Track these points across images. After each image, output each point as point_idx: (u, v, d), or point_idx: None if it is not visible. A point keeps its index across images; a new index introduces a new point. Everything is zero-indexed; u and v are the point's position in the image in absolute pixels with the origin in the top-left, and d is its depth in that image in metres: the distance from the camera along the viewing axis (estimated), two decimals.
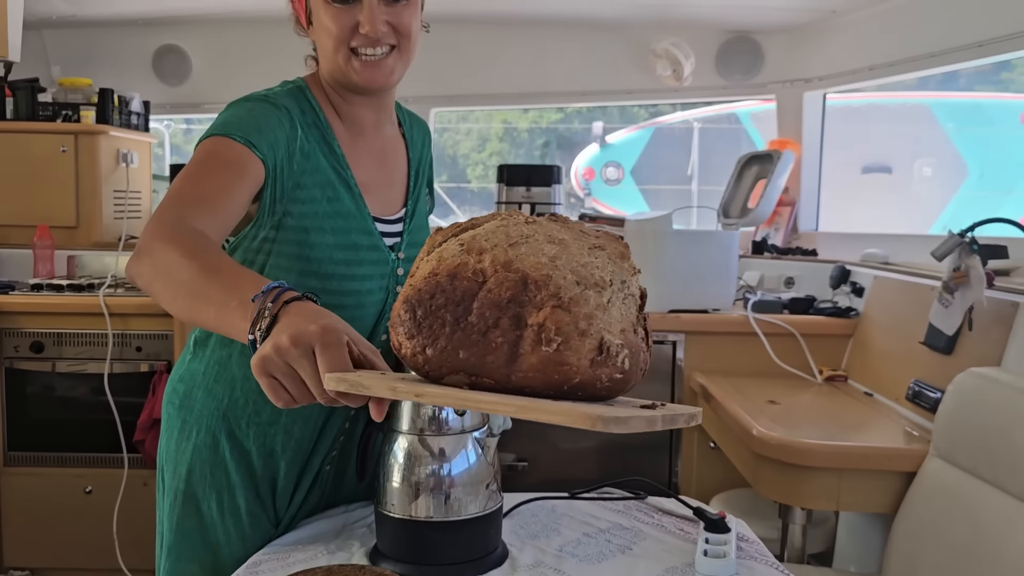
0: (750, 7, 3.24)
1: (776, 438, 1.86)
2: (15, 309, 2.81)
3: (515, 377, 0.72)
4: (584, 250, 0.75)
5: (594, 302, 0.72)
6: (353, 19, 1.16)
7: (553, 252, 0.73)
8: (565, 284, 0.72)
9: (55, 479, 2.83)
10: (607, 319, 0.72)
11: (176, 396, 1.29)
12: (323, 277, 1.20)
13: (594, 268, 0.74)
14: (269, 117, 1.16)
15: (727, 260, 2.62)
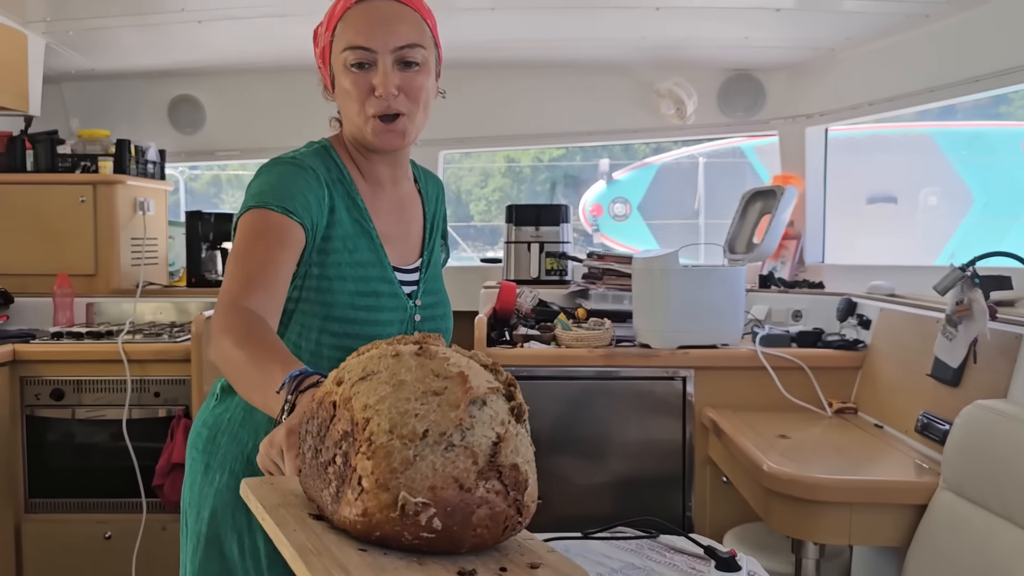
0: (750, 47, 3.31)
1: (787, 473, 1.88)
2: (36, 358, 2.87)
3: (335, 518, 0.70)
4: (416, 395, 0.68)
5: (399, 456, 0.66)
6: (369, 83, 1.24)
7: (383, 393, 0.69)
8: (377, 431, 0.67)
9: (75, 525, 2.86)
10: (410, 475, 0.65)
11: (200, 440, 1.34)
12: (346, 322, 1.27)
13: (411, 417, 0.67)
14: (298, 180, 1.24)
15: (734, 295, 2.65)
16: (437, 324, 1.40)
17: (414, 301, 1.36)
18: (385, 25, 1.24)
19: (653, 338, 2.64)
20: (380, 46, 1.23)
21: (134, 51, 3.56)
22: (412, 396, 0.69)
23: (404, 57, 1.25)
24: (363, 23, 1.24)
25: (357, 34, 1.24)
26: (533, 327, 2.87)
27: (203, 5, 3.02)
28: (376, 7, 1.25)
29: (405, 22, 1.26)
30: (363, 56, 1.24)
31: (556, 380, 2.64)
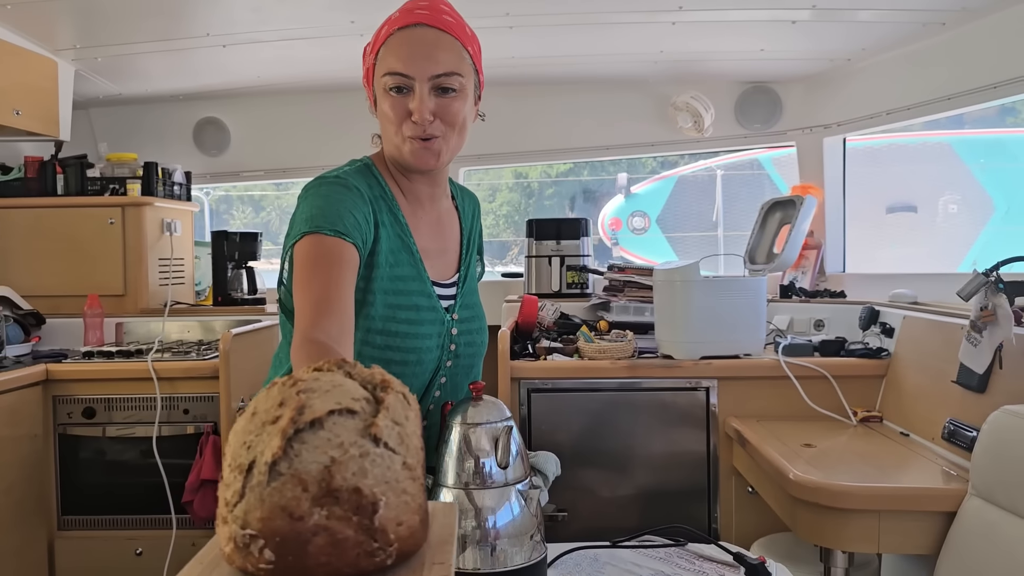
0: (767, 59, 3.33)
1: (813, 481, 1.88)
2: (68, 377, 2.92)
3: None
4: (255, 426, 0.67)
5: (232, 489, 0.65)
6: (407, 107, 1.28)
7: (238, 427, 0.69)
8: (225, 466, 0.68)
9: (107, 542, 2.90)
10: (242, 507, 0.64)
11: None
12: (388, 335, 1.30)
13: (244, 448, 0.66)
14: (345, 200, 1.27)
15: (756, 305, 2.66)
16: (472, 337, 1.43)
17: (451, 315, 1.39)
18: (424, 53, 1.27)
19: (675, 349, 2.65)
20: (418, 73, 1.26)
21: (160, 75, 3.64)
22: (252, 428, 0.68)
23: (441, 84, 1.28)
24: (403, 50, 1.28)
25: (397, 60, 1.27)
26: (555, 340, 2.89)
27: (227, 30, 3.09)
28: (417, 35, 1.28)
29: (444, 50, 1.28)
30: (401, 82, 1.27)
31: (579, 392, 2.65)
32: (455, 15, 1.33)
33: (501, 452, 1.22)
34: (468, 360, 1.42)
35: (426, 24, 1.28)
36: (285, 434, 0.64)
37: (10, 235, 3.41)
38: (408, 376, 1.30)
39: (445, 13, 1.32)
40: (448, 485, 1.22)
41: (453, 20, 1.32)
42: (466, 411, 1.25)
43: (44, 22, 2.99)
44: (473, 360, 1.44)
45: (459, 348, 1.39)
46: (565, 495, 2.61)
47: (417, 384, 1.33)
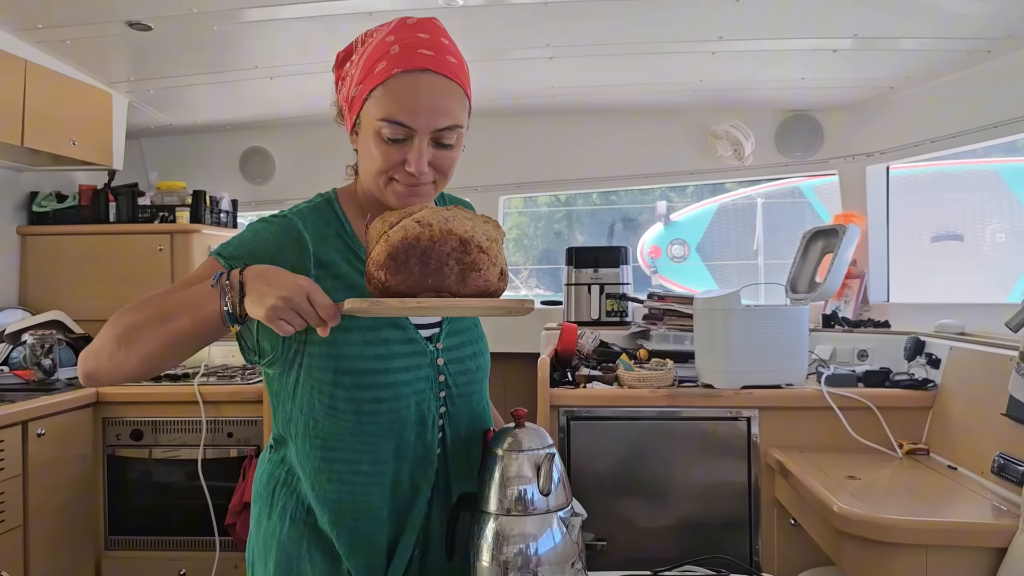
0: (808, 87, 3.33)
1: (858, 514, 1.85)
2: (117, 399, 2.99)
3: (462, 291, 1.14)
4: (481, 223, 1.17)
5: (496, 248, 1.17)
6: (402, 156, 1.21)
7: (470, 224, 1.16)
8: (482, 239, 1.15)
9: (152, 562, 2.95)
10: (501, 257, 1.18)
11: (261, 490, 1.35)
12: (356, 374, 1.23)
13: (489, 230, 1.17)
14: (271, 242, 1.23)
15: (798, 335, 2.63)
16: (466, 364, 1.36)
17: (435, 344, 1.31)
18: (429, 104, 1.19)
19: (716, 378, 2.64)
20: (421, 127, 1.19)
21: (208, 106, 3.75)
22: (481, 224, 1.17)
23: (441, 139, 1.21)
24: (408, 100, 1.18)
25: (400, 109, 1.18)
26: (595, 368, 2.89)
27: (274, 62, 3.18)
28: (422, 84, 1.19)
29: (450, 100, 1.21)
30: (401, 132, 1.19)
31: (619, 421, 2.65)
32: (454, 51, 1.24)
33: (543, 479, 1.23)
34: (466, 388, 1.35)
35: (432, 71, 1.19)
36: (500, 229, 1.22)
37: (64, 261, 3.52)
38: (385, 413, 1.24)
39: (448, 52, 1.23)
40: (490, 511, 1.23)
41: (455, 61, 1.23)
42: (509, 438, 1.26)
43: (100, 56, 3.10)
44: (471, 387, 1.36)
45: (451, 378, 1.32)
46: (604, 525, 2.59)
47: (403, 422, 1.26)
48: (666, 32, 2.81)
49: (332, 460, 1.26)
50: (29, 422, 2.66)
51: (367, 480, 1.27)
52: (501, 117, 3.85)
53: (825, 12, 2.59)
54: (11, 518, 2.57)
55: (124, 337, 1.13)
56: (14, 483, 2.59)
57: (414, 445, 1.29)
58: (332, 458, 1.26)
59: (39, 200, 3.62)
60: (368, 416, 1.24)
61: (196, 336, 1.13)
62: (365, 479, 1.27)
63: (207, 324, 1.11)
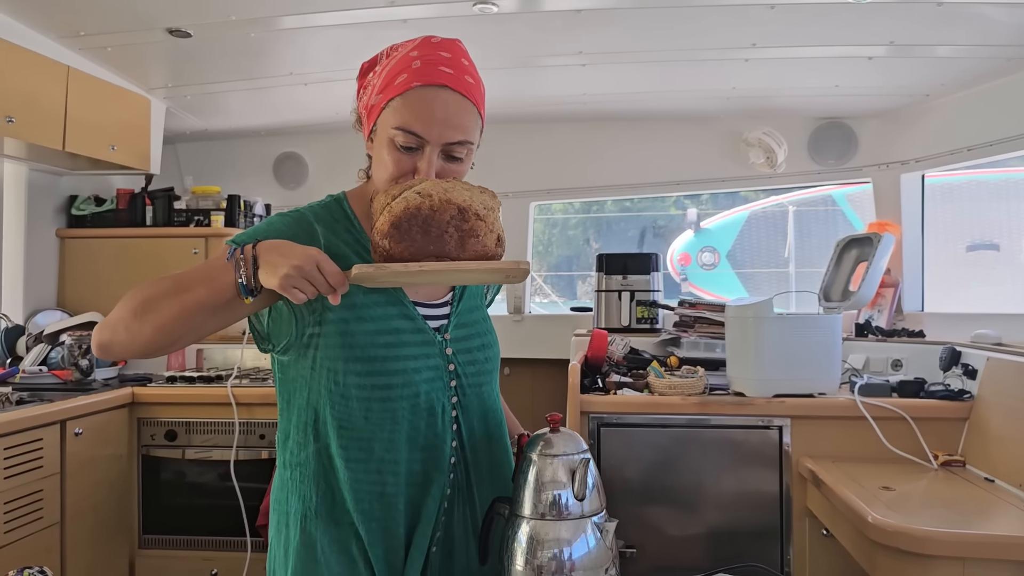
0: (841, 95, 3.31)
1: (894, 525, 1.83)
2: (152, 400, 3.04)
3: (462, 256, 1.21)
4: (479, 192, 1.24)
5: (492, 216, 1.24)
6: (412, 164, 1.26)
7: (468, 194, 1.23)
8: (479, 207, 1.22)
9: (184, 561, 2.99)
10: (498, 225, 1.24)
11: (274, 501, 1.38)
12: (367, 360, 1.27)
13: (486, 199, 1.24)
14: (283, 231, 1.28)
15: (831, 343, 2.61)
16: (474, 355, 1.39)
17: (443, 335, 1.36)
18: (443, 119, 1.24)
19: (747, 386, 2.62)
20: (434, 138, 1.24)
21: (243, 112, 3.80)
22: (479, 194, 1.24)
23: (451, 152, 1.26)
24: (424, 112, 1.24)
25: (415, 120, 1.24)
26: (625, 375, 2.89)
27: (309, 68, 3.22)
28: (439, 99, 1.24)
29: (463, 116, 1.26)
30: (413, 141, 1.24)
31: (649, 428, 2.64)
32: (473, 72, 1.30)
33: (578, 484, 1.23)
34: (476, 379, 1.38)
35: (449, 88, 1.25)
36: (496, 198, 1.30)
37: (101, 263, 3.59)
38: (396, 399, 1.28)
39: (466, 72, 1.28)
40: (524, 515, 1.23)
41: (473, 81, 1.29)
42: (543, 442, 1.27)
43: (140, 63, 3.16)
44: (481, 379, 1.40)
45: (460, 367, 1.36)
46: (634, 532, 2.58)
47: (412, 408, 1.30)
48: (699, 40, 2.81)
49: (348, 441, 1.29)
50: (67, 421, 2.71)
51: (380, 466, 1.29)
52: (533, 124, 3.87)
53: (860, 19, 2.57)
54: (49, 515, 2.62)
55: (140, 308, 1.16)
56: (52, 481, 2.64)
57: (425, 433, 1.31)
58: (348, 439, 1.29)
59: (78, 203, 3.69)
60: (378, 402, 1.28)
61: (211, 307, 1.16)
62: (379, 464, 1.29)
63: (222, 295, 1.15)
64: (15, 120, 2.68)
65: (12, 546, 2.44)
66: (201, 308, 1.16)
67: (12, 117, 2.66)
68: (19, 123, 2.70)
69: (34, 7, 2.65)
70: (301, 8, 2.63)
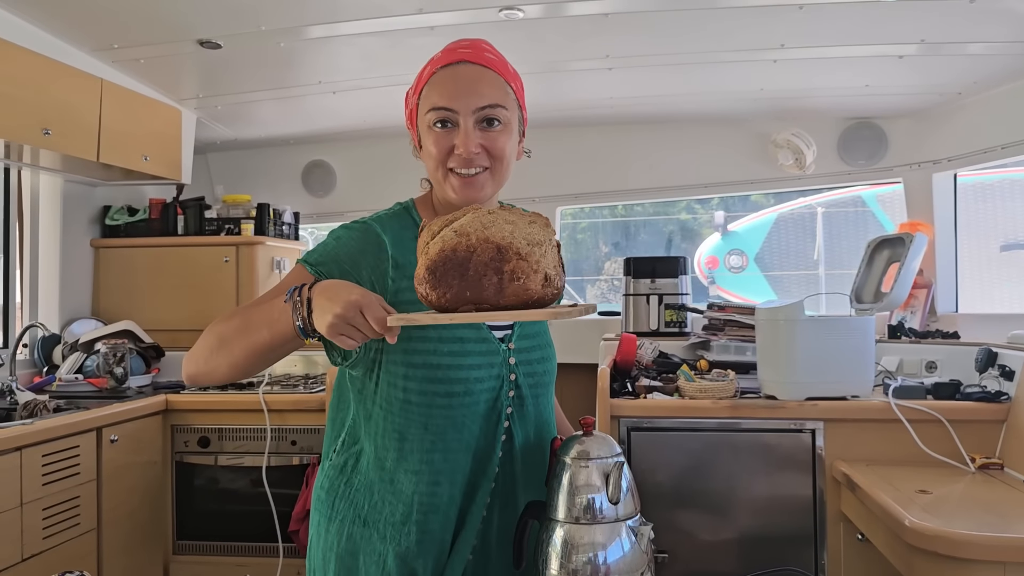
0: (872, 95, 3.27)
1: (931, 529, 1.80)
2: (185, 407, 3.07)
3: (502, 301, 1.11)
4: (525, 224, 1.14)
5: (537, 253, 1.12)
6: (451, 141, 1.29)
7: (508, 229, 1.13)
8: (521, 244, 1.12)
9: (217, 567, 3.02)
10: (545, 261, 1.13)
11: (319, 503, 1.39)
12: (431, 368, 1.29)
13: (534, 232, 1.14)
14: (353, 246, 1.31)
15: (864, 346, 2.58)
16: (534, 367, 1.40)
17: (507, 344, 1.36)
18: (468, 87, 1.29)
19: (779, 389, 2.60)
20: (462, 107, 1.28)
21: (273, 121, 3.84)
22: (524, 225, 1.14)
23: (486, 116, 1.29)
24: (447, 85, 1.30)
25: (441, 96, 1.29)
26: (655, 379, 2.87)
27: (337, 77, 3.25)
28: (460, 71, 1.31)
29: (488, 84, 1.30)
30: (445, 116, 1.29)
31: (680, 432, 2.62)
32: (497, 55, 1.35)
33: (612, 487, 1.23)
34: (533, 390, 1.39)
35: (469, 61, 1.31)
36: (551, 227, 1.19)
37: (134, 272, 3.64)
38: (457, 407, 1.29)
39: (487, 52, 1.34)
40: (559, 519, 1.23)
41: (495, 59, 1.34)
42: (577, 446, 1.27)
43: (172, 74, 3.21)
44: (539, 390, 1.41)
45: (520, 379, 1.36)
46: (665, 537, 2.57)
47: (472, 416, 1.32)
48: (727, 41, 2.79)
49: (407, 452, 1.31)
50: (103, 428, 2.75)
51: (437, 475, 1.30)
52: (559, 128, 3.87)
53: (890, 18, 2.55)
54: (86, 521, 2.66)
55: (215, 345, 1.23)
56: (89, 487, 2.68)
57: (479, 439, 1.33)
58: (407, 450, 1.31)
59: (111, 214, 3.75)
60: (439, 409, 1.29)
61: (275, 348, 1.21)
62: (436, 474, 1.30)
63: (284, 337, 1.18)
64: (51, 132, 2.73)
65: (50, 552, 2.48)
66: (267, 348, 1.20)
67: (48, 129, 2.72)
68: (55, 135, 2.75)
69: (69, 21, 2.70)
70: (330, 17, 2.66)
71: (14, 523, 2.34)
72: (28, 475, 2.40)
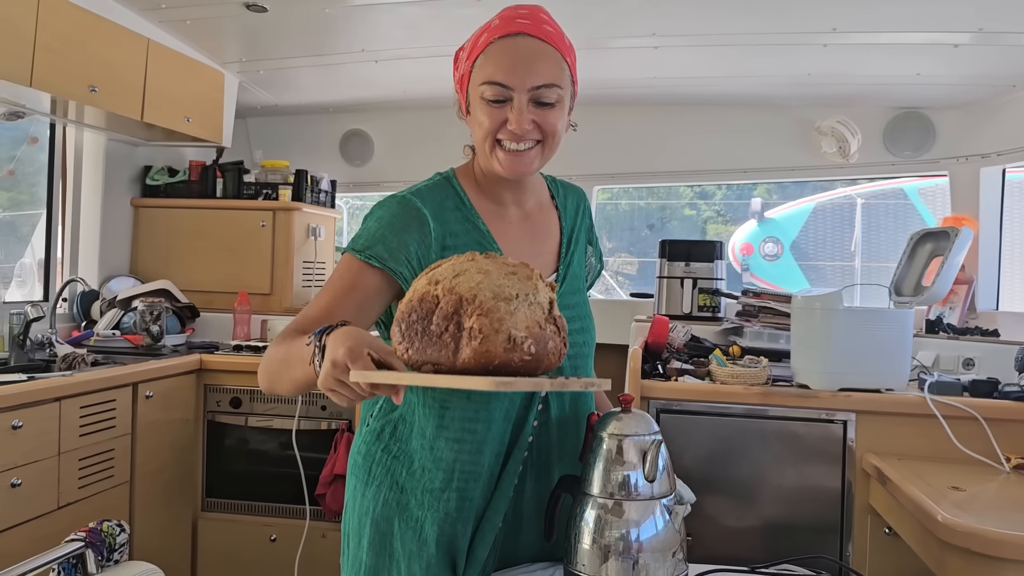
0: (922, 84, 3.20)
1: (965, 526, 1.78)
2: (218, 367, 3.11)
3: (459, 363, 1.01)
4: (501, 276, 1.04)
5: (503, 309, 1.01)
6: (503, 116, 1.27)
7: (478, 279, 1.03)
8: (485, 299, 1.01)
9: (244, 526, 3.07)
10: (512, 321, 1.01)
11: (357, 468, 1.40)
12: None
13: (506, 287, 1.03)
14: (397, 223, 1.31)
15: (902, 339, 2.54)
16: (573, 338, 1.36)
17: None
18: (525, 64, 1.26)
19: (812, 379, 2.57)
20: (518, 84, 1.25)
21: (313, 88, 3.85)
22: (499, 276, 1.04)
23: (540, 97, 1.27)
24: (504, 60, 1.26)
25: (497, 70, 1.26)
26: (686, 362, 2.86)
27: (380, 46, 3.24)
28: (519, 44, 1.27)
29: (546, 61, 1.27)
30: (500, 92, 1.26)
31: (709, 416, 2.61)
32: (555, 25, 1.32)
33: (649, 465, 1.23)
34: (572, 361, 1.38)
35: (527, 34, 1.27)
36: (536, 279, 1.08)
37: (173, 233, 3.68)
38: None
39: (546, 23, 1.30)
40: (593, 494, 1.23)
41: (553, 31, 1.30)
42: (614, 422, 1.26)
43: (216, 36, 3.22)
44: (577, 361, 1.40)
45: None
46: (690, 520, 2.55)
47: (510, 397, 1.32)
48: (778, 23, 2.74)
49: (449, 420, 1.31)
50: (139, 384, 2.80)
51: (479, 443, 1.31)
52: (598, 106, 3.83)
53: (948, 5, 2.49)
54: (120, 474, 2.71)
55: (268, 370, 1.29)
56: (124, 441, 2.73)
57: (518, 412, 1.33)
58: (449, 419, 1.31)
59: (152, 174, 3.78)
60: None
61: (305, 381, 1.19)
62: (478, 442, 1.31)
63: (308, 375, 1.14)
64: (98, 90, 2.75)
65: (85, 501, 2.53)
66: (307, 385, 1.20)
67: (95, 86, 2.74)
68: (102, 92, 2.78)
69: None
70: None
71: (52, 471, 2.40)
72: (66, 425, 2.45)
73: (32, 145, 3.43)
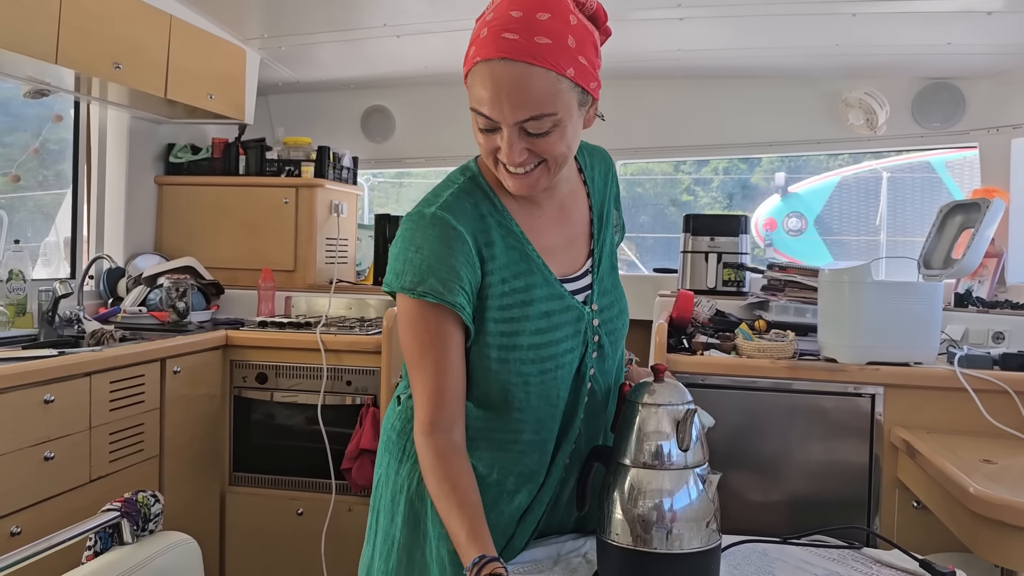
0: (952, 53, 3.15)
1: (998, 498, 1.76)
2: (244, 343, 3.13)
3: None
4: None
5: None
6: (496, 143, 1.18)
7: None
8: None
9: (271, 500, 3.10)
10: None
11: (391, 444, 1.38)
12: (523, 349, 1.25)
13: None
14: (440, 250, 1.20)
15: (931, 312, 2.51)
16: (614, 324, 1.35)
17: (590, 306, 1.32)
18: (507, 97, 1.11)
19: (840, 352, 2.55)
20: (502, 118, 1.14)
21: (335, 64, 3.84)
22: None
23: (529, 128, 1.15)
24: (486, 92, 1.13)
25: (480, 100, 1.14)
26: (711, 336, 2.85)
27: (402, 20, 3.22)
28: (498, 74, 1.11)
29: (532, 89, 1.11)
30: (488, 123, 1.16)
31: (735, 390, 2.60)
32: (553, 28, 1.11)
33: (683, 434, 1.22)
34: (613, 346, 1.35)
35: (509, 59, 1.10)
36: None
37: (197, 210, 3.70)
38: (549, 383, 1.27)
39: (540, 31, 1.10)
40: (627, 464, 1.22)
41: (548, 41, 1.11)
42: (648, 391, 1.25)
43: (238, 13, 3.21)
44: (617, 345, 1.37)
45: (603, 338, 1.33)
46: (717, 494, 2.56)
47: (561, 386, 1.29)
48: None
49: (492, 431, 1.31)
50: (167, 360, 2.82)
51: (526, 448, 1.31)
52: (621, 80, 3.79)
53: None
54: (149, 448, 2.74)
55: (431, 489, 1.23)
56: (152, 416, 2.76)
57: (568, 403, 1.31)
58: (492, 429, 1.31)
59: (175, 152, 3.79)
60: (535, 387, 1.27)
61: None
62: (525, 447, 1.31)
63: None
64: (122, 67, 2.76)
65: (115, 475, 2.56)
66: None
67: (119, 63, 2.74)
68: (125, 69, 2.78)
69: None
70: None
71: (83, 445, 2.43)
72: (96, 400, 2.48)
73: (57, 123, 3.45)
